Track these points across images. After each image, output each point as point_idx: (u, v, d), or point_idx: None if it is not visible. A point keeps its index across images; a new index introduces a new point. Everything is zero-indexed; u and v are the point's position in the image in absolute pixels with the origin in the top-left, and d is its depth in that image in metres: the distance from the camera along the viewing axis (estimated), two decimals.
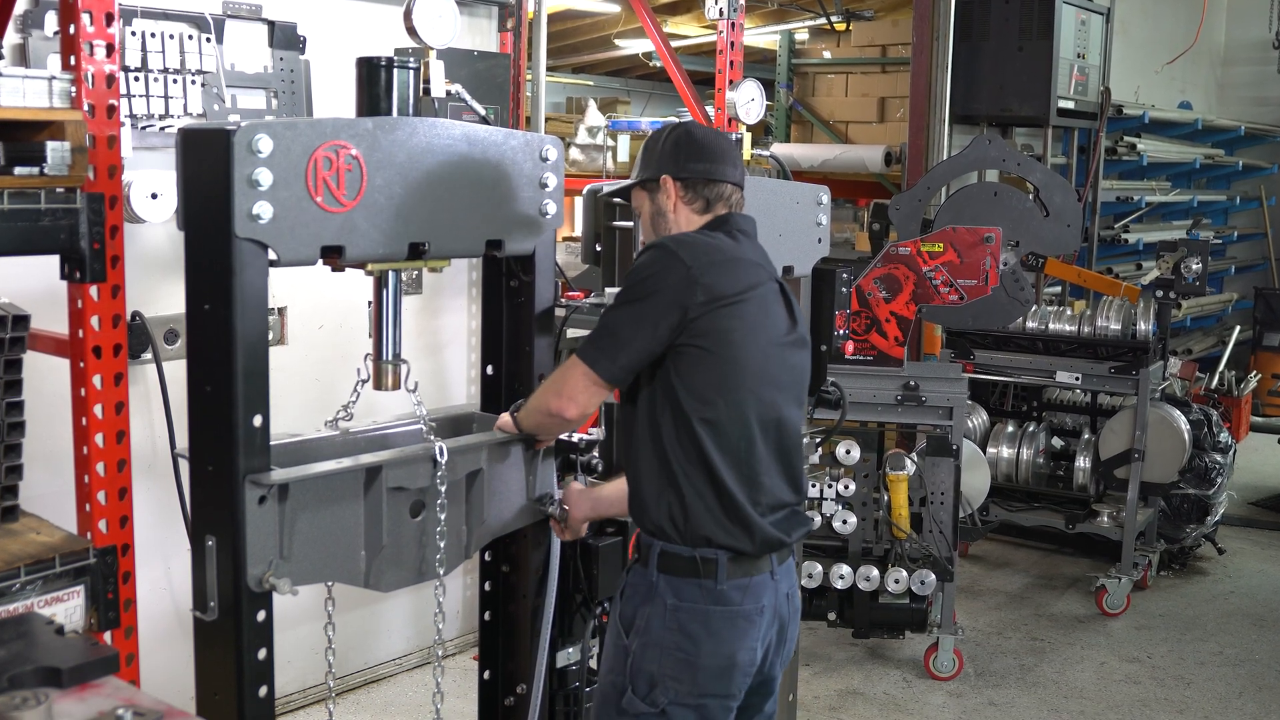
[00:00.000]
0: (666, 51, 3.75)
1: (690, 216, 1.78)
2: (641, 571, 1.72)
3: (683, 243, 1.71)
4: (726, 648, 1.68)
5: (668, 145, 1.81)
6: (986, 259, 3.18)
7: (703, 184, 1.78)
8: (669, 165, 1.79)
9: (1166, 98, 6.83)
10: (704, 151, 1.79)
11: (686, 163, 1.79)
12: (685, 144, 1.80)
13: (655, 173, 1.80)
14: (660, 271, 1.66)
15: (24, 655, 1.08)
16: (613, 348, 1.67)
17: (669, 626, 1.66)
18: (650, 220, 1.83)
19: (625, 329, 1.66)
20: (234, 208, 1.47)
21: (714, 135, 1.84)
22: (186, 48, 2.42)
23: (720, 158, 1.80)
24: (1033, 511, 4.14)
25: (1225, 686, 3.40)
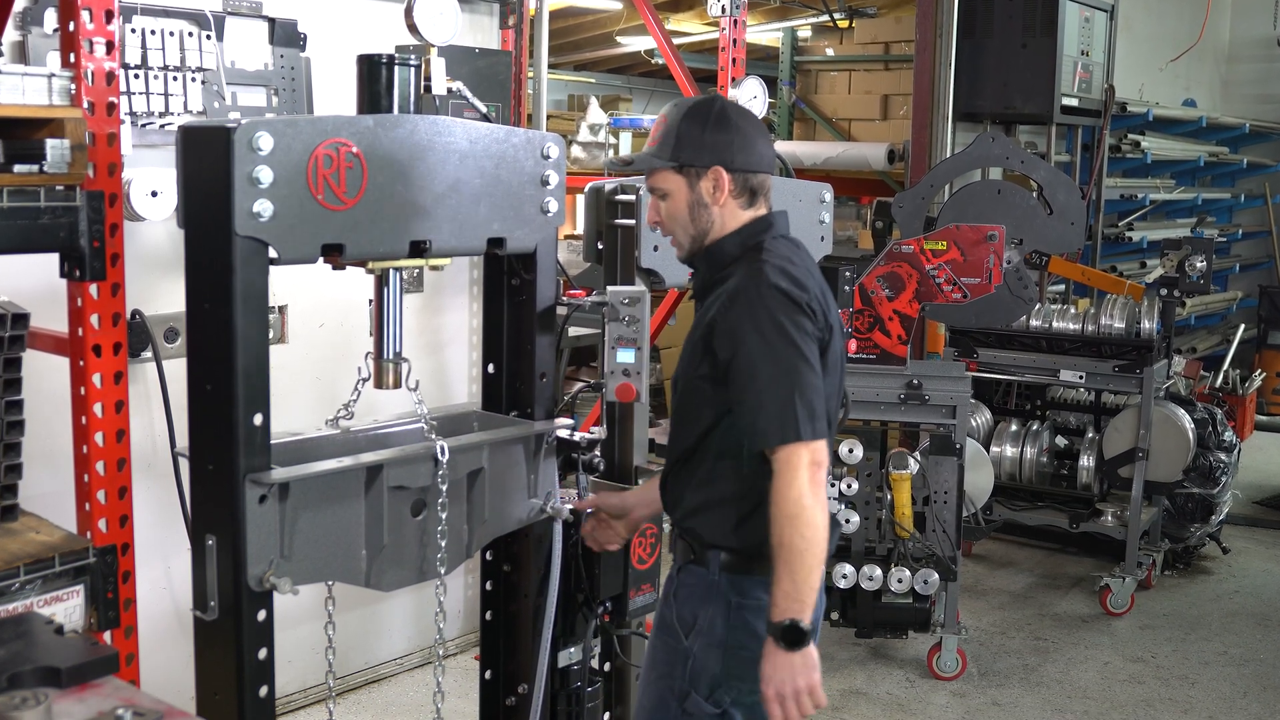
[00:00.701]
0: (668, 49, 3.74)
1: (736, 212, 1.67)
2: (700, 572, 1.66)
3: (785, 271, 1.58)
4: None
5: (718, 129, 1.64)
6: (990, 257, 3.17)
7: (755, 176, 1.67)
8: (722, 154, 1.64)
9: (1171, 95, 6.81)
10: (756, 139, 1.67)
11: (740, 153, 1.65)
12: (737, 129, 1.65)
13: (705, 160, 1.64)
14: (792, 310, 1.55)
15: (23, 655, 1.08)
16: (819, 406, 1.53)
17: (733, 625, 1.62)
18: (688, 208, 1.67)
19: (805, 378, 1.52)
20: (234, 205, 1.47)
21: (751, 117, 1.71)
22: (186, 45, 2.42)
23: (765, 142, 1.69)
24: (1036, 511, 4.13)
25: (1230, 686, 3.38)
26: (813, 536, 1.51)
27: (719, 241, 1.68)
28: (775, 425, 1.53)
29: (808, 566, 1.51)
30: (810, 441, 1.52)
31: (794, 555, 1.51)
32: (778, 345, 1.54)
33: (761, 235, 1.67)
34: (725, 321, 1.59)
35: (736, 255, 1.66)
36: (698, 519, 1.68)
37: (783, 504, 1.52)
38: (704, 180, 1.66)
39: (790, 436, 1.52)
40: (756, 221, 1.69)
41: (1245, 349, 5.97)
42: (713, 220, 1.68)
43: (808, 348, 1.56)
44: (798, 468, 1.52)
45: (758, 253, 1.64)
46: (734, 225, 1.68)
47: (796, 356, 1.55)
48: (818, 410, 1.54)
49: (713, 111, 1.67)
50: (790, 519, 1.51)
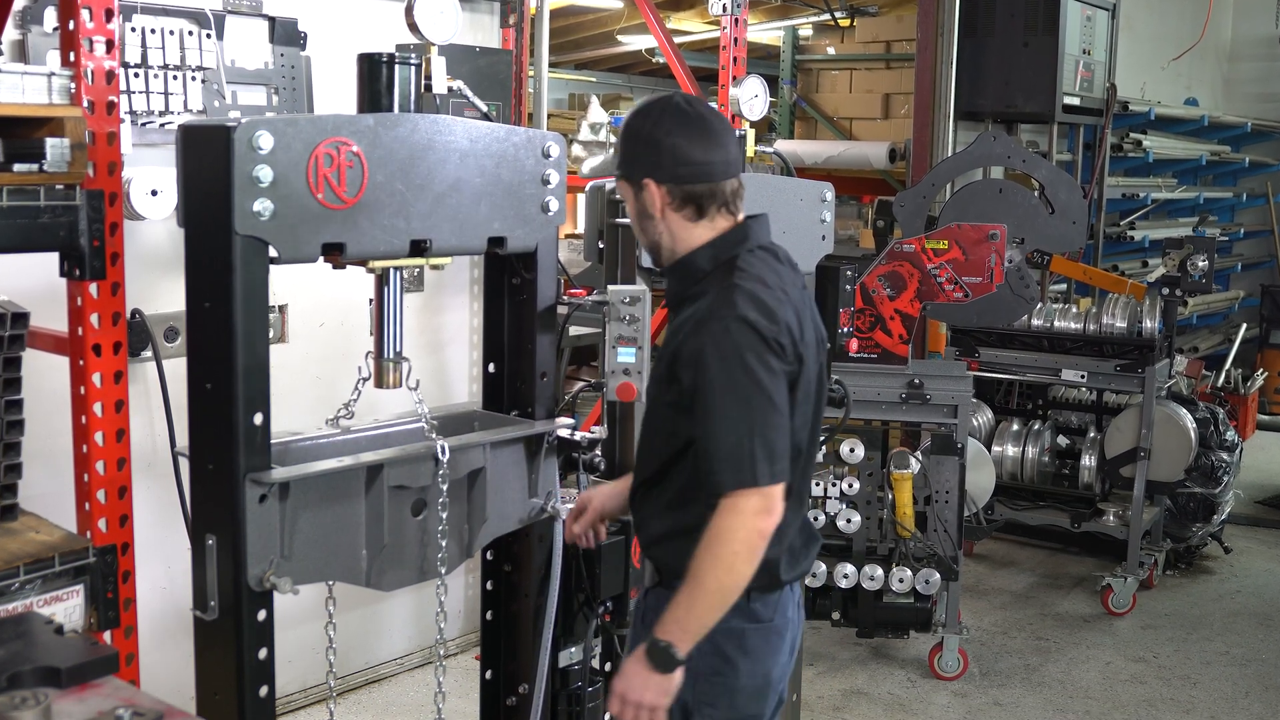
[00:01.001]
0: (669, 47, 3.73)
1: (684, 224, 1.57)
2: (667, 595, 1.58)
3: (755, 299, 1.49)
4: (762, 666, 1.61)
5: (652, 137, 1.55)
6: (991, 256, 3.16)
7: (693, 187, 1.55)
8: (650, 166, 1.56)
9: (1172, 94, 6.80)
10: (693, 146, 1.54)
11: (674, 165, 1.54)
12: (670, 137, 1.54)
13: (637, 172, 1.57)
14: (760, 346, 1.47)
15: (23, 655, 1.07)
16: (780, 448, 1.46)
17: (704, 650, 1.54)
18: (636, 220, 1.62)
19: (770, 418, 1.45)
20: (234, 205, 1.46)
21: (701, 120, 1.56)
22: (187, 44, 2.41)
23: (712, 148, 1.55)
24: (1038, 510, 4.12)
25: (1232, 686, 3.38)
26: (728, 585, 1.47)
27: (690, 255, 1.59)
28: (730, 468, 1.46)
29: (709, 607, 1.48)
30: (765, 487, 1.46)
31: (703, 593, 1.47)
32: (740, 381, 1.47)
33: (737, 249, 1.57)
34: (689, 349, 1.51)
35: (708, 270, 1.57)
36: (663, 547, 1.63)
37: (715, 544, 1.46)
38: (644, 192, 1.58)
39: (746, 480, 1.46)
40: (732, 232, 1.58)
41: (1247, 348, 5.96)
42: (661, 232, 1.59)
43: (773, 385, 1.48)
44: (744, 514, 1.46)
45: (730, 272, 1.54)
46: (695, 239, 1.58)
47: (759, 395, 1.47)
48: (778, 451, 1.47)
49: (652, 114, 1.57)
50: (716, 559, 1.46)
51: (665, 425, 1.60)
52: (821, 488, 3.15)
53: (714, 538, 1.48)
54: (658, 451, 1.62)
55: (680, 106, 1.57)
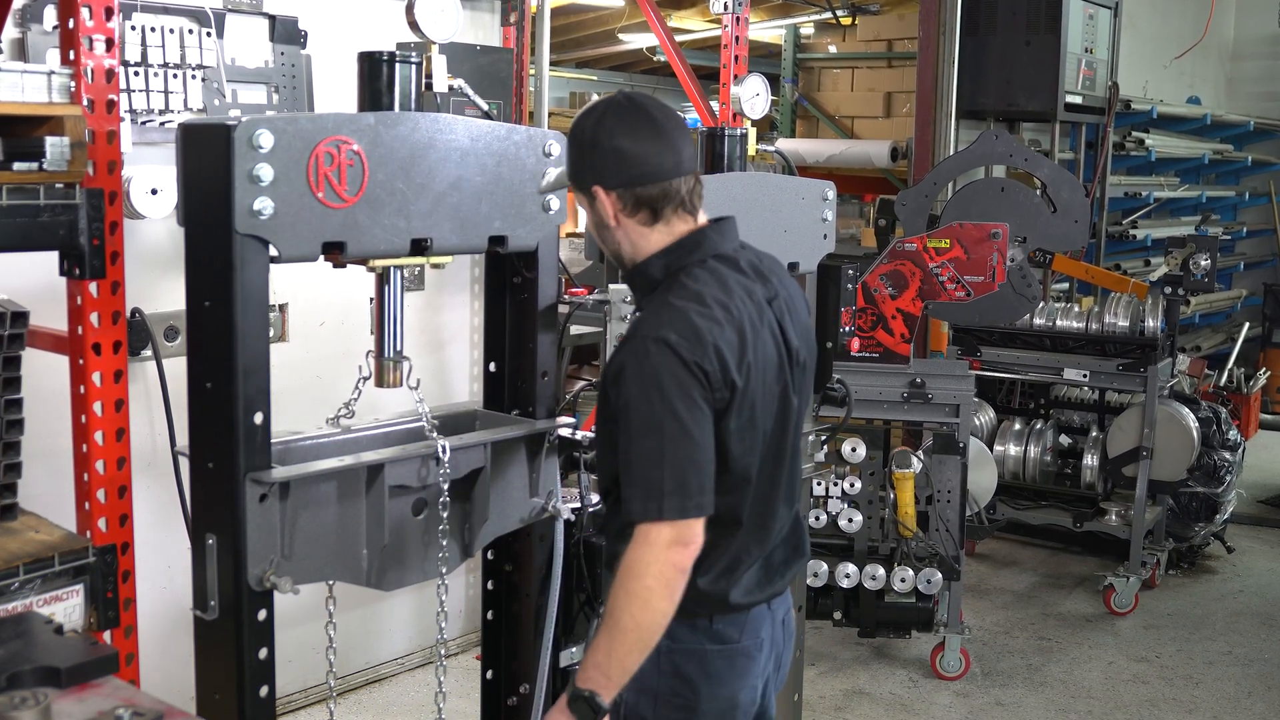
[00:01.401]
0: (671, 46, 3.72)
1: (640, 230, 1.48)
2: None
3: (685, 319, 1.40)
4: (727, 689, 1.53)
5: (595, 141, 1.46)
6: (993, 255, 3.15)
7: (644, 190, 1.46)
8: (599, 171, 1.46)
9: (1175, 92, 6.78)
10: (639, 144, 1.44)
11: (620, 168, 1.44)
12: (613, 140, 1.44)
13: (585, 180, 1.49)
14: (680, 373, 1.38)
15: (22, 655, 1.06)
16: (695, 483, 1.38)
17: (664, 671, 1.50)
18: (595, 231, 1.53)
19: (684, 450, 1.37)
20: (234, 203, 1.46)
21: (646, 118, 1.45)
22: (187, 42, 2.41)
23: (659, 146, 1.44)
24: (1040, 510, 4.11)
25: (1234, 686, 3.37)
26: (645, 622, 1.39)
27: (645, 263, 1.50)
28: (639, 498, 1.39)
29: (628, 647, 1.40)
30: (675, 520, 1.38)
31: (619, 632, 1.39)
32: (655, 408, 1.38)
33: (688, 258, 1.48)
34: (614, 365, 1.44)
35: (660, 279, 1.49)
36: (615, 566, 1.52)
37: (626, 578, 1.39)
38: (596, 201, 1.50)
39: (652, 513, 1.38)
40: (687, 239, 1.48)
41: (1250, 347, 5.95)
42: (618, 240, 1.51)
43: (689, 414, 1.38)
44: (655, 546, 1.38)
45: (671, 288, 1.46)
46: (651, 245, 1.49)
47: (672, 423, 1.37)
48: (691, 485, 1.38)
49: (593, 117, 1.47)
50: (629, 595, 1.38)
51: (608, 442, 1.51)
52: (823, 487, 3.15)
53: (626, 571, 1.41)
54: (606, 469, 1.55)
55: (621, 104, 1.47)
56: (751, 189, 2.20)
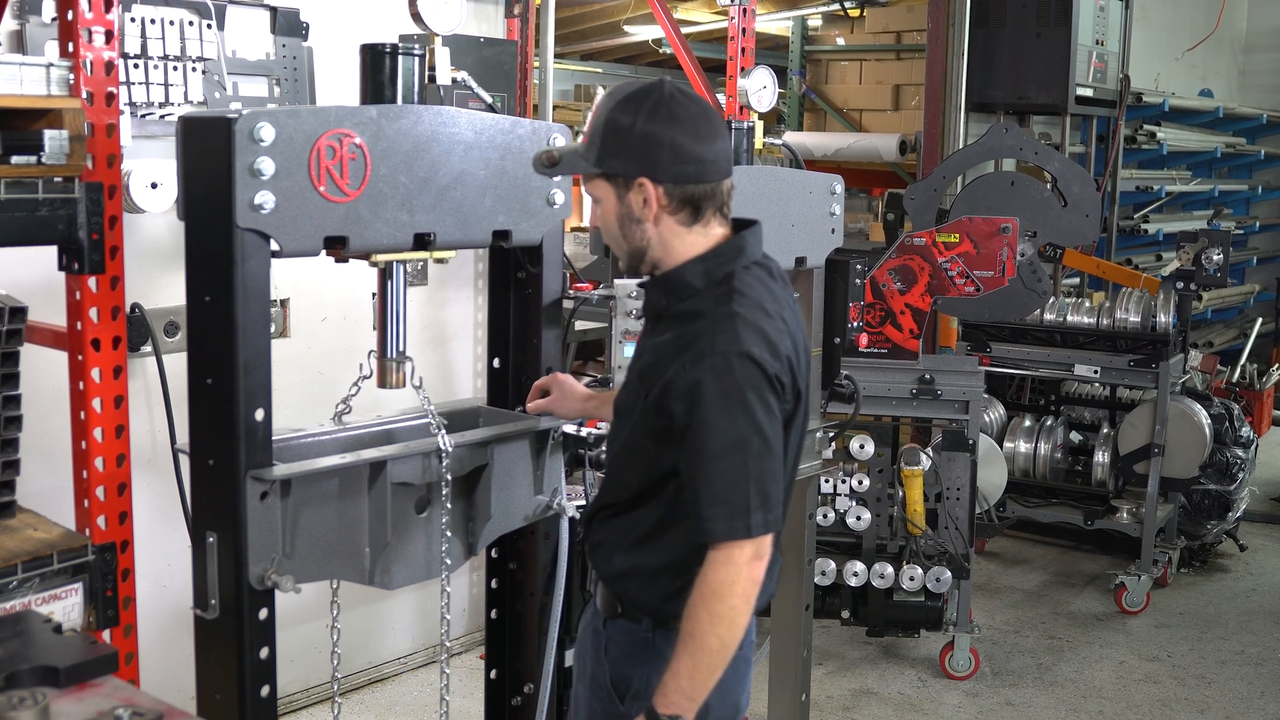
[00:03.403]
0: (677, 38, 3.69)
1: (676, 229, 1.42)
2: (629, 628, 1.51)
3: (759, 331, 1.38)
4: (732, 696, 1.52)
5: (649, 130, 1.38)
6: (1003, 250, 3.12)
7: (695, 188, 1.40)
8: (651, 162, 1.38)
9: (1187, 85, 6.72)
10: (699, 140, 1.39)
11: (674, 163, 1.38)
12: (669, 131, 1.37)
13: (631, 169, 1.40)
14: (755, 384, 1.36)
15: (21, 654, 1.05)
16: (775, 496, 1.37)
17: None
18: (617, 222, 1.43)
19: (764, 465, 1.36)
20: (235, 197, 1.44)
21: (700, 112, 1.41)
22: (187, 34, 2.39)
23: (712, 143, 1.41)
24: (1050, 507, 4.08)
25: (1247, 686, 3.34)
26: (731, 641, 1.37)
27: (680, 269, 1.44)
28: (724, 517, 1.36)
29: (713, 668, 1.37)
30: (758, 538, 1.37)
31: (705, 654, 1.36)
32: (740, 424, 1.35)
33: (732, 264, 1.43)
34: (685, 382, 1.37)
35: (699, 287, 1.43)
36: (629, 582, 1.52)
37: (712, 601, 1.35)
38: (632, 192, 1.41)
39: (739, 531, 1.35)
40: (725, 245, 1.44)
41: (1263, 343, 5.89)
42: (648, 238, 1.43)
43: (771, 428, 1.38)
44: (738, 565, 1.36)
45: (727, 297, 1.40)
46: (686, 248, 1.43)
47: (757, 439, 1.36)
48: (772, 499, 1.38)
49: (645, 105, 1.38)
50: (715, 617, 1.35)
51: (644, 455, 1.47)
52: (831, 485, 3.12)
53: (711, 594, 1.37)
54: (631, 481, 1.50)
55: (675, 96, 1.40)
56: (759, 183, 2.18)
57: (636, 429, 1.48)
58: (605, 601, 1.57)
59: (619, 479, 1.54)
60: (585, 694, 1.60)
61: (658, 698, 1.39)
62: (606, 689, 1.54)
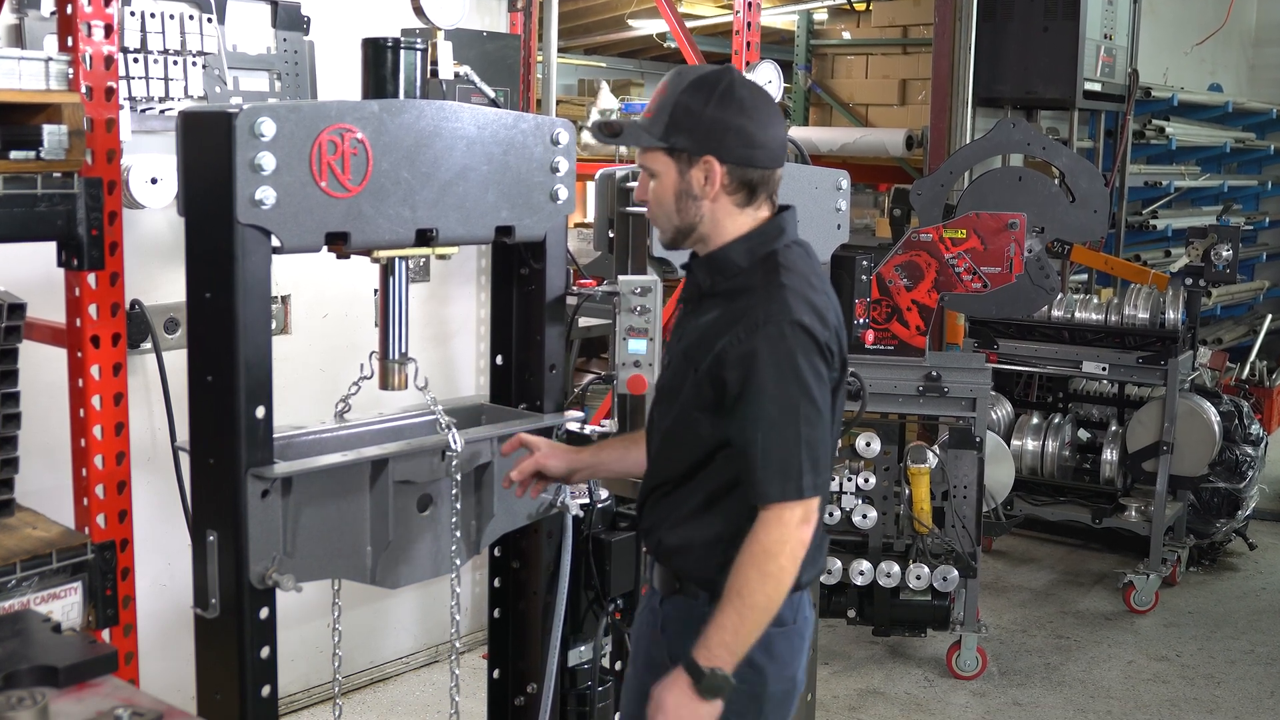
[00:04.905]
0: (681, 32, 3.66)
1: (730, 209, 1.49)
2: (688, 604, 1.54)
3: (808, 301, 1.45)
4: (789, 670, 1.56)
5: (719, 111, 1.44)
6: (1011, 246, 3.09)
7: (755, 172, 1.47)
8: (719, 142, 1.45)
9: (1196, 80, 6.67)
10: (764, 126, 1.46)
11: (740, 146, 1.45)
12: (741, 113, 1.44)
13: (698, 147, 1.45)
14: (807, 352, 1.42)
15: (20, 654, 1.04)
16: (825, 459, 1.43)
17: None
18: (674, 197, 1.49)
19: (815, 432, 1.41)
20: (236, 193, 1.43)
21: (764, 102, 1.49)
22: (187, 28, 2.37)
23: (775, 131, 1.49)
24: (1058, 506, 4.05)
25: (1257, 686, 3.31)
26: (776, 599, 1.43)
27: (725, 249, 1.50)
28: (777, 480, 1.42)
29: (757, 624, 1.43)
30: (808, 499, 1.43)
31: (751, 609, 1.42)
32: (792, 389, 1.42)
33: (774, 244, 1.50)
34: (739, 352, 1.44)
35: (745, 266, 1.50)
36: (682, 558, 1.55)
37: (762, 559, 1.41)
38: (695, 169, 1.47)
39: (791, 493, 1.42)
40: (767, 226, 1.51)
41: (1272, 339, 5.84)
42: (701, 215, 1.49)
43: (820, 393, 1.44)
44: (789, 526, 1.42)
45: (774, 271, 1.47)
46: (735, 228, 1.50)
47: (808, 404, 1.42)
48: (822, 462, 1.44)
49: (717, 89, 1.45)
50: (764, 575, 1.41)
51: (694, 430, 1.51)
52: (837, 483, 3.10)
53: (761, 552, 1.42)
54: (681, 458, 1.54)
55: (743, 83, 1.49)
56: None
57: (685, 405, 1.51)
58: (663, 580, 1.59)
59: (668, 458, 1.56)
60: (638, 675, 1.62)
61: (699, 650, 1.43)
62: (664, 666, 1.56)
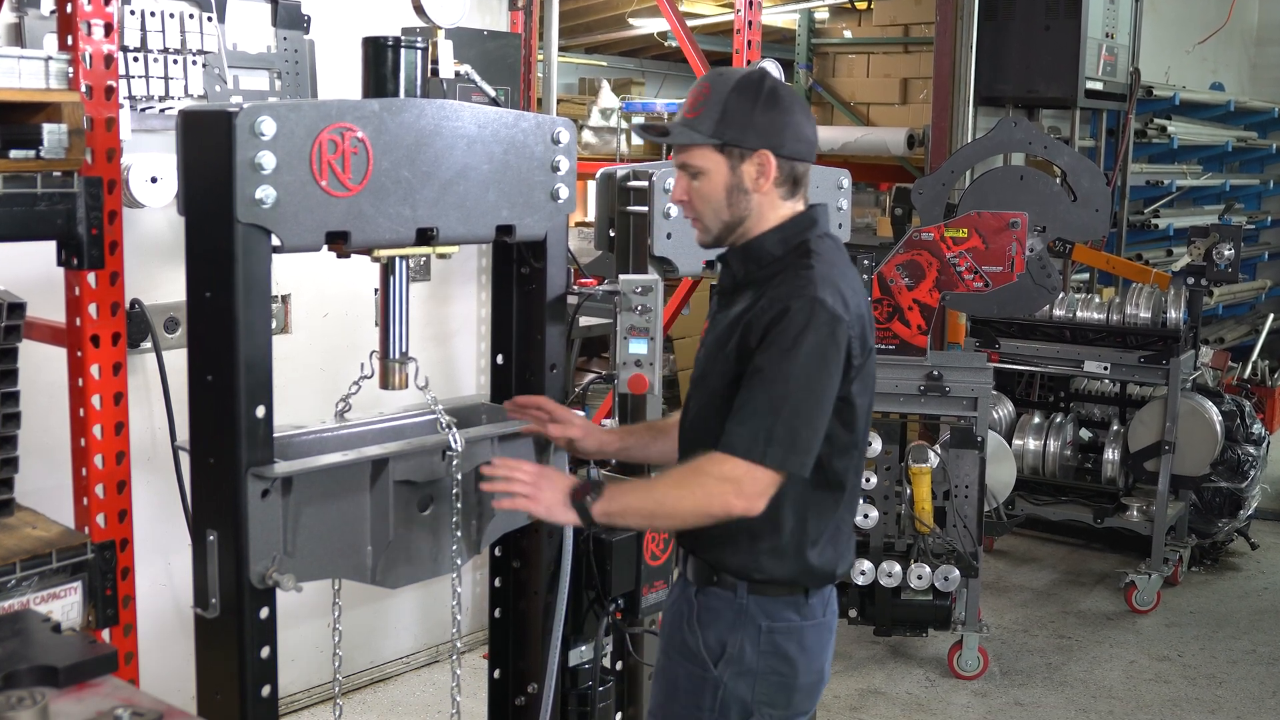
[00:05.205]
0: (682, 31, 3.65)
1: (775, 202, 1.54)
2: (724, 595, 1.56)
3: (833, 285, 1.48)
4: (817, 663, 1.60)
5: (769, 108, 1.49)
6: (1012, 245, 3.09)
7: (801, 165, 1.54)
8: (773, 137, 1.50)
9: (1198, 78, 6.66)
10: (805, 122, 1.53)
11: (791, 138, 1.51)
12: (788, 110, 1.50)
13: (753, 141, 1.50)
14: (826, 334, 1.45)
15: (19, 654, 1.04)
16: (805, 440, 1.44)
17: (763, 651, 1.55)
18: (725, 192, 1.52)
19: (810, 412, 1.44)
20: (236, 192, 1.43)
21: (802, 102, 1.58)
22: (187, 27, 2.36)
23: (813, 127, 1.56)
24: (1060, 505, 4.05)
25: (1259, 686, 3.31)
26: (668, 512, 1.50)
27: (759, 238, 1.55)
28: (746, 437, 1.44)
29: (642, 512, 1.52)
30: (763, 467, 1.43)
31: (650, 498, 1.51)
32: (794, 364, 1.44)
33: (806, 234, 1.55)
34: (763, 320, 1.48)
35: (778, 254, 1.54)
36: (717, 549, 1.57)
37: (692, 475, 1.48)
38: (747, 163, 1.51)
39: (755, 454, 1.43)
40: (800, 217, 1.56)
41: (1274, 339, 5.83)
42: (750, 209, 1.54)
43: (823, 375, 1.46)
44: (734, 480, 1.44)
45: (805, 257, 1.52)
46: (774, 219, 1.55)
47: (807, 381, 1.44)
48: (802, 443, 1.44)
49: (765, 87, 1.51)
50: (680, 486, 1.49)
51: (722, 415, 1.52)
52: None
53: (696, 471, 1.48)
54: (711, 443, 1.54)
55: (781, 82, 1.57)
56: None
57: (714, 391, 1.55)
58: (698, 571, 1.61)
59: (699, 445, 1.57)
60: (668, 664, 1.63)
61: (605, 486, 1.53)
62: (699, 656, 1.59)
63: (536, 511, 1.56)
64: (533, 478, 1.55)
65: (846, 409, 1.52)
